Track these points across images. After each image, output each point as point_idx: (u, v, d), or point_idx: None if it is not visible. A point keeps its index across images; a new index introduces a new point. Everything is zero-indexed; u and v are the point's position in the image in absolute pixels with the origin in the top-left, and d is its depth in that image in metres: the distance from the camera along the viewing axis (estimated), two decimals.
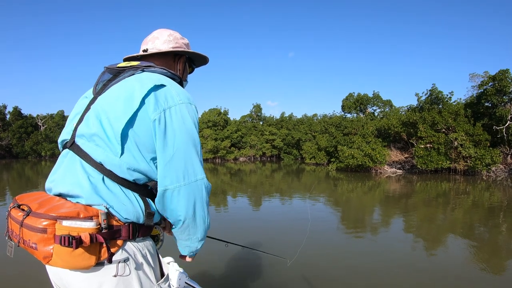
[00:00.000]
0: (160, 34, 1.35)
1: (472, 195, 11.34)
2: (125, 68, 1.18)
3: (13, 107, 42.59)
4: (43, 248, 0.91)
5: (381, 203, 9.97)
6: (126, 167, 1.03)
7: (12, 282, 3.80)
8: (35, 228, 0.91)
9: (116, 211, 1.01)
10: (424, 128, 18.55)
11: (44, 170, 23.11)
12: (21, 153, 39.85)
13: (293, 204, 9.50)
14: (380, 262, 4.48)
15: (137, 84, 1.08)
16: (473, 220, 7.45)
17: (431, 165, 17.91)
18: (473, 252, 5.06)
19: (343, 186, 14.09)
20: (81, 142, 1.07)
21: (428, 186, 13.67)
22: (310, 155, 27.61)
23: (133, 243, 1.06)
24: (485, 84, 19.86)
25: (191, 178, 1.07)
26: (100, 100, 1.11)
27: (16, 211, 0.99)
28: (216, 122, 35.55)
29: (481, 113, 19.86)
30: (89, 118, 1.09)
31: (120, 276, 1.00)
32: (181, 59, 1.39)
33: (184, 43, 1.39)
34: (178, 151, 1.05)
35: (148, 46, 1.32)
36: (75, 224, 0.92)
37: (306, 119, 40.72)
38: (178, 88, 1.15)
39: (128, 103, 1.04)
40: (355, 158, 19.26)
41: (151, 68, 1.18)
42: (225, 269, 4.15)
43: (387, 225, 7.06)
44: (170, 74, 1.22)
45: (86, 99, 1.19)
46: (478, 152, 17.11)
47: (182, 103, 1.09)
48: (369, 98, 34.26)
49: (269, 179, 17.47)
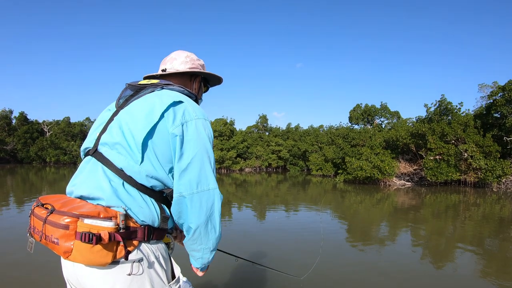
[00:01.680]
0: (178, 56, 1.48)
1: (482, 208, 11.12)
2: (146, 86, 1.28)
3: (19, 112, 42.95)
4: (64, 243, 0.99)
5: (392, 216, 9.78)
6: (145, 174, 1.12)
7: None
8: (58, 224, 0.99)
9: (134, 213, 1.09)
10: (434, 139, 18.30)
11: (48, 176, 23.07)
12: (25, 158, 39.92)
13: (302, 216, 9.32)
14: (391, 276, 4.40)
15: (157, 99, 1.18)
16: (483, 232, 7.24)
17: (441, 177, 17.60)
18: (484, 265, 4.97)
19: (351, 198, 13.87)
20: (104, 150, 1.16)
21: (438, 199, 13.44)
22: (317, 166, 27.38)
23: (148, 245, 1.13)
24: (494, 95, 19.62)
25: (204, 187, 1.14)
26: (123, 113, 1.21)
27: (39, 209, 1.06)
28: (222, 132, 35.58)
29: (490, 124, 19.57)
30: (112, 128, 1.18)
31: (133, 275, 1.06)
32: (197, 79, 1.52)
33: (200, 64, 1.51)
34: (193, 161, 1.13)
35: (166, 66, 1.45)
36: (95, 222, 1.00)
37: (313, 130, 40.59)
38: (194, 105, 1.26)
39: (148, 116, 1.14)
40: (364, 170, 19.01)
41: (170, 86, 1.29)
42: (230, 283, 4.08)
43: (399, 238, 6.91)
44: (187, 92, 1.33)
45: (109, 111, 1.28)
46: (488, 163, 16.80)
47: (198, 119, 1.19)
48: (377, 109, 34.08)
49: (275, 190, 17.30)
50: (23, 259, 4.64)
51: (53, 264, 3.76)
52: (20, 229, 6.51)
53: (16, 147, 40.36)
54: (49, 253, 1.43)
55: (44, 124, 44.62)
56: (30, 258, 4.60)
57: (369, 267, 4.78)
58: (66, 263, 1.13)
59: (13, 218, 8.01)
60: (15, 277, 4.03)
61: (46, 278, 3.96)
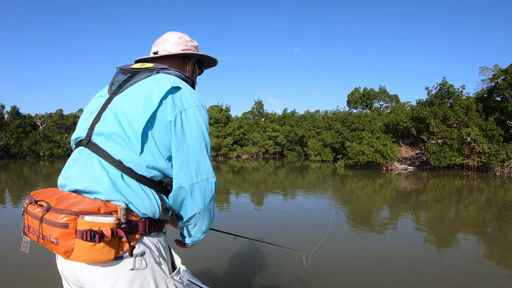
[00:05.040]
0: (170, 37, 1.39)
1: (486, 192, 11.03)
2: (140, 70, 1.22)
3: (11, 107, 42.14)
4: (65, 243, 0.93)
5: (395, 201, 9.60)
6: (145, 165, 1.08)
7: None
8: (56, 224, 0.93)
9: (135, 207, 1.05)
10: (436, 123, 17.96)
11: (43, 170, 22.82)
12: (19, 153, 39.32)
13: (306, 202, 9.03)
14: (393, 259, 4.40)
15: (155, 85, 1.12)
16: (488, 217, 7.03)
17: (444, 162, 17.37)
18: (488, 249, 4.93)
19: (353, 183, 13.67)
20: (99, 141, 1.10)
21: (441, 183, 13.31)
22: (316, 151, 27.07)
23: (149, 238, 1.09)
24: (497, 78, 19.27)
25: (203, 176, 1.13)
26: (118, 100, 1.14)
27: (33, 207, 1.00)
28: (218, 119, 35.02)
29: (492, 108, 19.32)
30: (107, 117, 1.11)
31: (136, 270, 1.04)
32: (190, 61, 1.44)
33: (193, 46, 1.43)
34: (192, 151, 1.11)
35: (158, 49, 1.37)
36: (96, 219, 0.94)
37: (309, 115, 40.13)
38: (192, 90, 1.20)
39: (146, 103, 1.09)
40: (366, 154, 18.70)
41: (166, 70, 1.23)
42: (230, 266, 4.02)
43: (404, 222, 6.84)
44: (184, 76, 1.27)
45: (101, 98, 1.21)
46: (492, 147, 16.55)
47: (195, 106, 1.15)
48: (376, 93, 33.61)
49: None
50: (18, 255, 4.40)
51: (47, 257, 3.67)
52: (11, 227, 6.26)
53: (9, 142, 39.60)
54: (42, 249, 1.20)
55: (37, 117, 43.62)
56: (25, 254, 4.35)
57: (373, 252, 4.70)
58: (63, 260, 1.07)
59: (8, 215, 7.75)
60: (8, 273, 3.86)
61: (40, 274, 3.78)
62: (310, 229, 5.84)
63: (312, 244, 4.05)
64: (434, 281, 3.67)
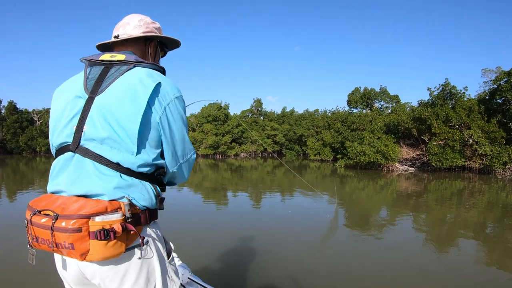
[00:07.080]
0: (131, 20, 1.36)
1: (488, 194, 10.98)
2: (112, 63, 1.19)
3: (8, 102, 42.02)
4: (80, 246, 0.96)
5: (397, 202, 9.53)
6: (142, 163, 1.11)
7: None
8: (68, 230, 0.95)
9: (136, 201, 1.09)
10: (438, 124, 17.74)
11: (39, 166, 22.69)
12: (15, 148, 39.12)
13: (304, 201, 8.72)
14: (392, 259, 4.44)
15: (137, 83, 1.12)
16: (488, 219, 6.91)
17: (446, 163, 17.17)
18: (487, 252, 4.94)
19: (353, 184, 13.52)
20: (92, 146, 1.09)
21: (443, 185, 13.19)
22: (315, 151, 26.84)
23: (149, 227, 1.15)
24: (499, 80, 19.06)
25: (188, 156, 1.26)
26: (102, 100, 1.11)
27: (39, 217, 1.01)
28: (216, 116, 34.75)
29: (494, 110, 19.12)
30: (95, 121, 1.09)
31: (143, 258, 1.09)
32: (151, 44, 1.41)
33: (155, 27, 1.40)
34: (178, 140, 1.19)
35: (119, 32, 1.34)
36: (105, 218, 0.98)
37: (308, 115, 39.85)
38: (168, 81, 1.21)
39: (134, 104, 1.08)
40: (367, 155, 18.45)
41: (143, 64, 1.21)
42: (230, 265, 4.07)
43: (404, 224, 6.88)
44: (158, 68, 1.26)
45: (80, 99, 1.15)
46: (494, 150, 16.38)
47: (175, 97, 1.18)
48: (376, 93, 33.39)
49: (270, 175, 16.66)
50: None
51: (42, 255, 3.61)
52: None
53: (5, 138, 39.41)
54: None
55: (34, 113, 43.33)
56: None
57: (372, 254, 4.69)
58: (67, 262, 1.11)
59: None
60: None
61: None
62: (310, 230, 5.76)
63: (314, 244, 4.12)
64: (434, 283, 3.68)
